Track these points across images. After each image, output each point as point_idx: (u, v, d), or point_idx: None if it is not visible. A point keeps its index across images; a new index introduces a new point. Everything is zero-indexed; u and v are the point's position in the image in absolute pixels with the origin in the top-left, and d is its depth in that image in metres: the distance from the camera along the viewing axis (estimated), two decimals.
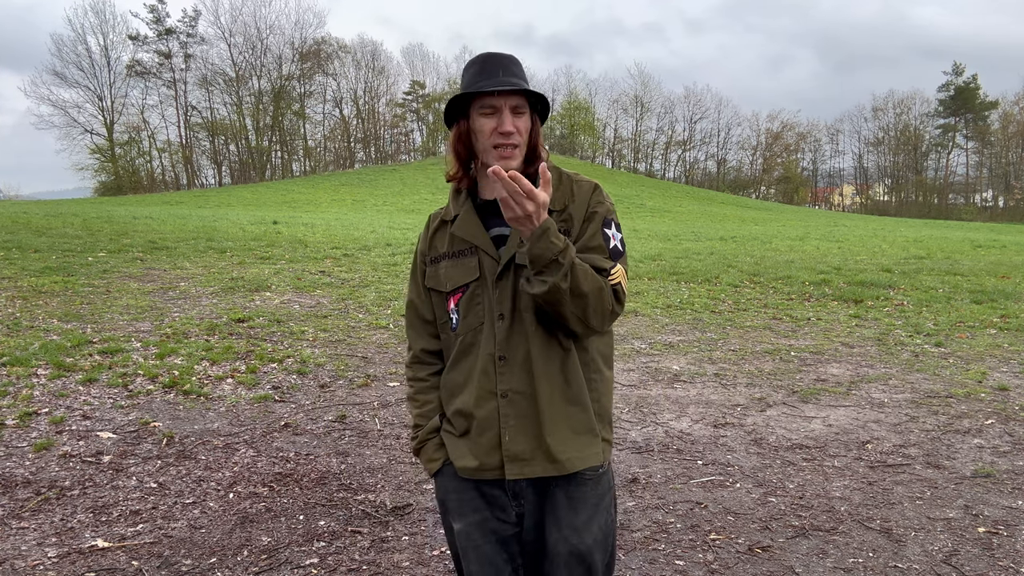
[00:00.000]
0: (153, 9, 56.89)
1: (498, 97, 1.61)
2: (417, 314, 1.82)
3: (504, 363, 1.65)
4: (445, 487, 1.77)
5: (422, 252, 1.81)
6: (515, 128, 1.62)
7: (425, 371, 1.81)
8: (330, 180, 49.97)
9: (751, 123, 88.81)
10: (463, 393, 1.71)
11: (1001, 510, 3.59)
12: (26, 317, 7.01)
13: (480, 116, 1.63)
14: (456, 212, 1.73)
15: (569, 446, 1.66)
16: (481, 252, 1.68)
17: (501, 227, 1.69)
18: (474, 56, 1.68)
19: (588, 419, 1.70)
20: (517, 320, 1.65)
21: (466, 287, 1.69)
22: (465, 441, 1.71)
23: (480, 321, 1.68)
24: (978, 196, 68.87)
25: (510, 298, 1.65)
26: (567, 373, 1.68)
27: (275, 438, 4.50)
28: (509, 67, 1.64)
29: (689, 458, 4.30)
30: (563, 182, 1.72)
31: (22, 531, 3.26)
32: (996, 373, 6.25)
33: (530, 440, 1.65)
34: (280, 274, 10.36)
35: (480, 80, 1.62)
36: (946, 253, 16.91)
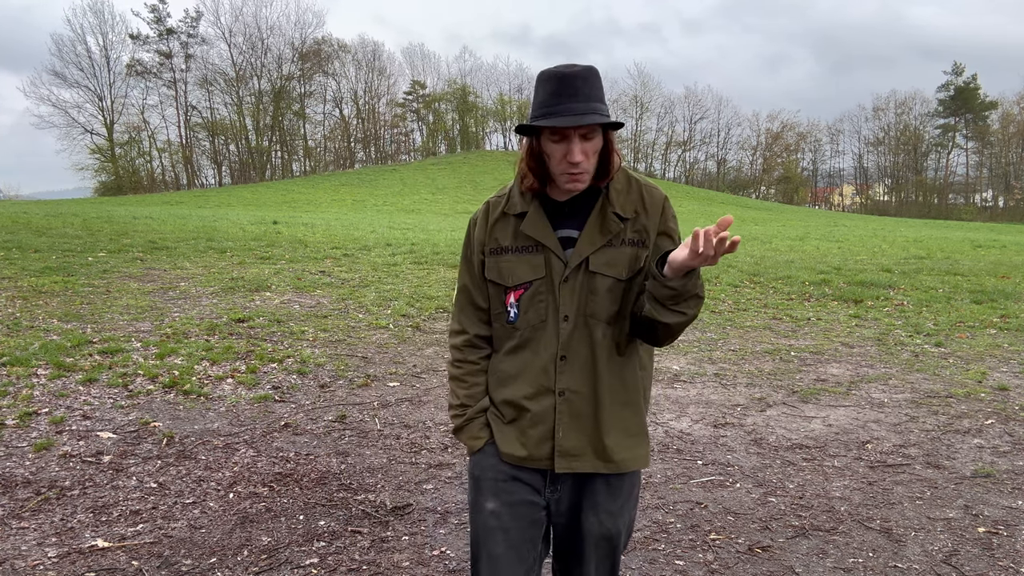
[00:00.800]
0: (154, 9, 56.97)
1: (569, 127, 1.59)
2: (471, 300, 1.83)
3: (565, 363, 1.70)
4: (483, 465, 1.79)
5: (480, 241, 1.79)
6: (584, 155, 1.61)
7: (477, 355, 1.84)
8: (330, 180, 49.98)
9: (751, 123, 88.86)
10: (515, 384, 1.74)
11: (1001, 510, 3.59)
12: (26, 317, 7.01)
13: (550, 141, 1.62)
14: (523, 209, 1.74)
15: (624, 447, 1.73)
16: (548, 252, 1.70)
17: (568, 229, 1.71)
18: (548, 71, 1.63)
19: (641, 421, 1.77)
20: (581, 324, 1.69)
21: (529, 284, 1.71)
22: (513, 429, 1.75)
23: (541, 319, 1.71)
24: (978, 196, 68.89)
25: (576, 301, 1.68)
26: (624, 377, 1.73)
27: (275, 438, 4.50)
28: (583, 90, 1.59)
29: (689, 458, 4.30)
30: (632, 187, 1.73)
31: (22, 531, 3.26)
32: (996, 373, 6.25)
33: (582, 438, 1.71)
34: (280, 274, 10.36)
35: (552, 103, 1.59)
36: (946, 253, 16.91)
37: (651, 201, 1.72)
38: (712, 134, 73.60)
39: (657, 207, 1.71)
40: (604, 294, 1.68)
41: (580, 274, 1.68)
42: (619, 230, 1.68)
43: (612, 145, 1.67)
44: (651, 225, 1.70)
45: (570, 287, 1.68)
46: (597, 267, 1.67)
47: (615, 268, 1.68)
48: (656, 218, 1.71)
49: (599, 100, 1.61)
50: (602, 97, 1.63)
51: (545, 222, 1.71)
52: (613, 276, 1.68)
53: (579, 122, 1.55)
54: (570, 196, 1.71)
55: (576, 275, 1.68)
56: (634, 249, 1.69)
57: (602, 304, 1.68)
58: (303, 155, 65.45)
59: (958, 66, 68.87)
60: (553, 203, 1.73)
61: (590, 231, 1.69)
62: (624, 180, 1.73)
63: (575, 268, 1.68)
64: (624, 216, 1.69)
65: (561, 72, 1.60)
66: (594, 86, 1.61)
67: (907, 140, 69.55)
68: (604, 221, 1.69)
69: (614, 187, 1.71)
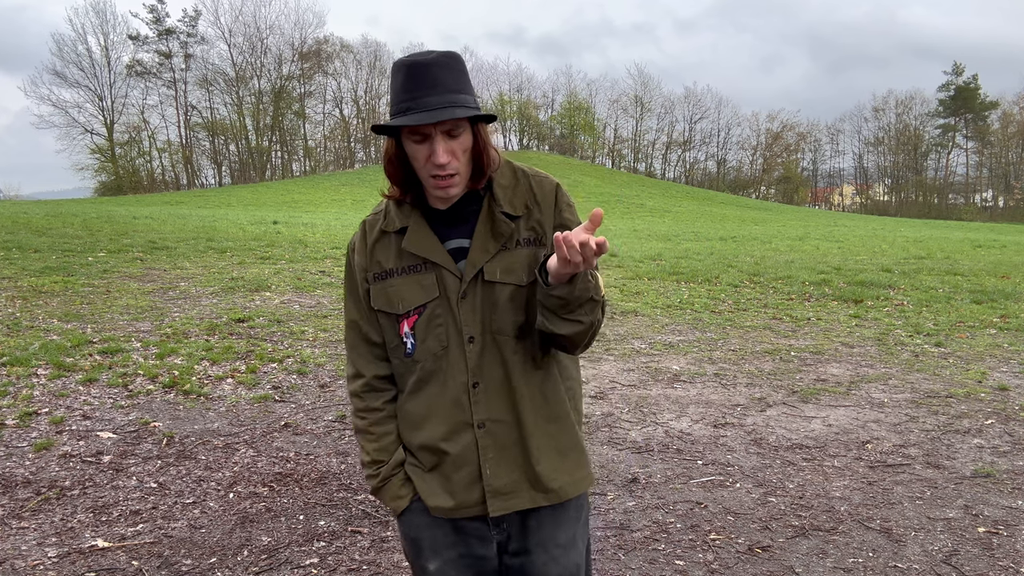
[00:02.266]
0: (153, 9, 56.95)
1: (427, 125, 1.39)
2: (362, 336, 1.60)
3: (478, 390, 1.49)
4: (415, 524, 1.58)
5: (362, 267, 1.57)
6: (451, 155, 1.41)
7: (380, 399, 1.60)
8: (330, 180, 49.99)
9: (751, 123, 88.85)
10: (427, 425, 1.53)
11: (1001, 510, 3.59)
12: (26, 317, 7.01)
13: (410, 143, 1.42)
14: (403, 224, 1.53)
15: (560, 471, 1.54)
16: (439, 268, 1.50)
17: (457, 239, 1.51)
18: (399, 60, 1.43)
19: (573, 436, 1.57)
20: (489, 342, 1.49)
21: (423, 307, 1.50)
22: (436, 477, 1.54)
23: (443, 345, 1.50)
24: (978, 196, 68.92)
25: (479, 317, 1.48)
26: (546, 390, 1.54)
27: (275, 438, 4.50)
28: (441, 80, 1.38)
29: (689, 458, 4.30)
30: (520, 181, 1.54)
31: (22, 531, 3.26)
32: (996, 373, 6.25)
33: (514, 471, 1.52)
34: (280, 274, 10.36)
35: (405, 98, 1.39)
36: (946, 253, 16.91)
37: (541, 193, 1.53)
38: (712, 134, 73.65)
39: (549, 198, 1.52)
40: (506, 304, 1.48)
41: (478, 287, 1.48)
42: (511, 231, 1.49)
43: (484, 140, 1.46)
44: (545, 219, 1.51)
45: (470, 303, 1.48)
46: (494, 276, 1.47)
47: (514, 274, 1.48)
48: (550, 210, 1.52)
49: (462, 91, 1.40)
50: (466, 87, 1.42)
51: (430, 234, 1.51)
52: (513, 283, 1.48)
53: (434, 118, 1.34)
54: (449, 203, 1.51)
55: (474, 289, 1.48)
56: (531, 249, 1.50)
57: (507, 316, 1.48)
58: (303, 155, 65.49)
59: (958, 66, 68.92)
60: (435, 212, 1.53)
61: (480, 237, 1.49)
62: (509, 175, 1.54)
63: (472, 281, 1.48)
64: (514, 214, 1.50)
65: (413, 61, 1.40)
66: (454, 74, 1.40)
67: (907, 140, 69.57)
68: (494, 224, 1.49)
69: (499, 184, 1.52)
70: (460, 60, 1.43)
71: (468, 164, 1.46)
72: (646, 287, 10.67)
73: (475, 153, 1.45)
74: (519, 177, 1.55)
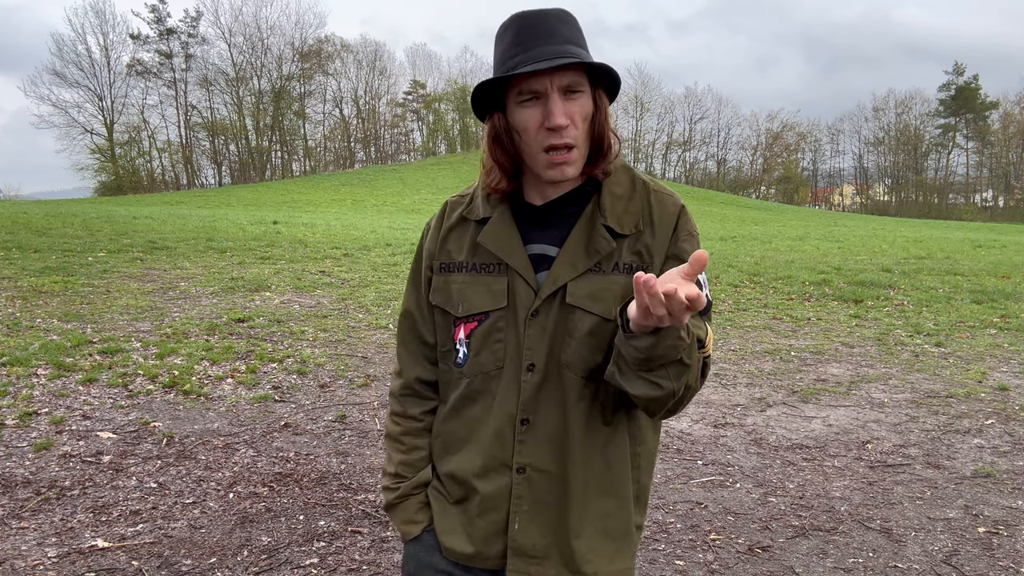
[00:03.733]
0: (154, 9, 57.01)
1: (542, 77, 1.15)
2: (415, 331, 1.39)
3: (527, 429, 1.25)
4: (419, 559, 1.36)
5: (430, 253, 1.35)
6: (569, 119, 1.16)
7: (419, 407, 1.40)
8: (330, 180, 49.99)
9: (751, 123, 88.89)
10: (463, 452, 1.31)
11: (1001, 510, 3.59)
12: (26, 317, 7.01)
13: (519, 107, 1.18)
14: (487, 214, 1.29)
15: (599, 555, 1.28)
16: (514, 274, 1.25)
17: (544, 244, 1.26)
18: (508, 18, 1.21)
19: (626, 517, 1.30)
20: (553, 376, 1.24)
21: (485, 316, 1.26)
22: (459, 514, 1.32)
23: (498, 365, 1.26)
24: (978, 196, 68.93)
25: (547, 344, 1.23)
26: (609, 454, 1.27)
27: (275, 438, 4.50)
28: (556, 29, 1.17)
29: (689, 458, 4.30)
30: (636, 193, 1.27)
31: (22, 531, 3.26)
32: (996, 373, 6.25)
33: (546, 534, 1.27)
34: (280, 274, 10.36)
35: (515, 52, 1.16)
36: (946, 253, 16.91)
37: (661, 212, 1.25)
38: (712, 134, 73.70)
39: (668, 221, 1.25)
40: (584, 338, 1.22)
41: (554, 308, 1.23)
42: (610, 250, 1.23)
43: (605, 112, 1.21)
44: (656, 245, 1.24)
45: (539, 325, 1.23)
46: (577, 300, 1.22)
47: (601, 303, 1.22)
48: (665, 236, 1.24)
49: (580, 45, 1.19)
50: (583, 43, 1.21)
51: (513, 233, 1.26)
52: (598, 314, 1.21)
53: (553, 63, 1.12)
54: (549, 198, 1.27)
55: (549, 309, 1.23)
56: (630, 278, 1.22)
57: (580, 351, 1.22)
58: (303, 155, 65.52)
59: (959, 66, 68.93)
60: (528, 208, 1.29)
61: (572, 249, 1.24)
62: (627, 183, 1.28)
63: (548, 299, 1.23)
64: (620, 232, 1.24)
65: (526, 12, 1.19)
66: (572, 29, 1.20)
67: (907, 140, 69.59)
68: (591, 236, 1.24)
69: (610, 190, 1.26)
70: (575, 18, 1.23)
71: (587, 139, 1.20)
72: None
73: (594, 127, 1.20)
74: (638, 187, 1.29)
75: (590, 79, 1.19)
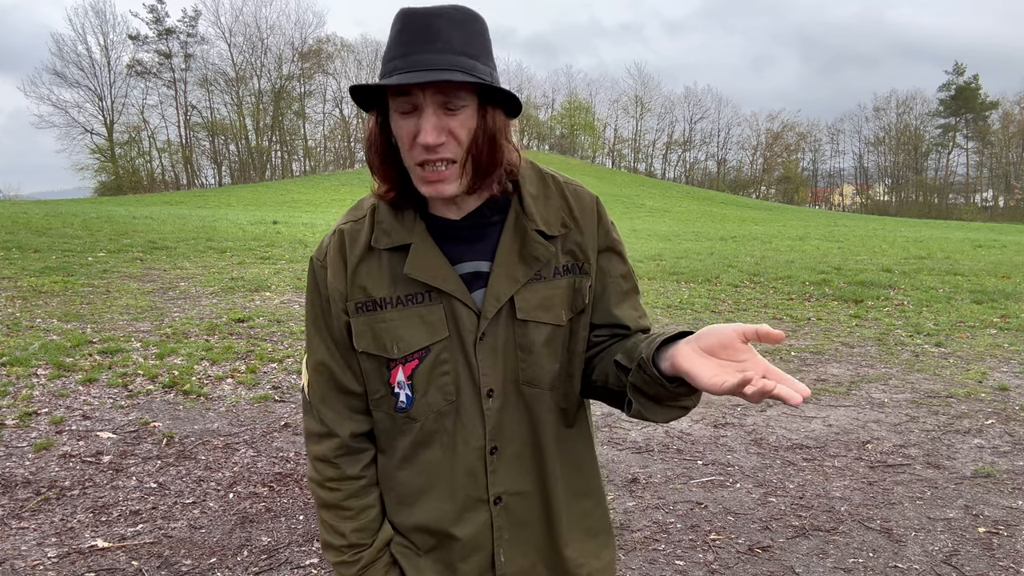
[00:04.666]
0: (153, 9, 57.01)
1: (415, 89, 1.03)
2: (335, 384, 1.21)
3: (496, 457, 1.17)
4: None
5: (339, 293, 1.17)
6: (446, 134, 1.04)
7: (358, 465, 1.23)
8: (330, 180, 49.99)
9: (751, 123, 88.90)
10: (427, 502, 1.20)
11: (1001, 510, 3.59)
12: (26, 317, 7.02)
13: (397, 116, 1.06)
14: (402, 240, 1.15)
15: (588, 556, 1.26)
16: (449, 299, 1.14)
17: (474, 260, 1.16)
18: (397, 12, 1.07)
19: (604, 513, 1.30)
20: (512, 396, 1.16)
21: (427, 351, 1.14)
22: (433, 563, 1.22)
23: (450, 400, 1.16)
24: (978, 196, 68.96)
25: (503, 365, 1.15)
26: (580, 456, 1.25)
27: (275, 438, 4.50)
28: (441, 34, 1.02)
29: (689, 458, 4.30)
30: (551, 190, 1.20)
31: (22, 531, 3.26)
32: (996, 373, 6.25)
33: (530, 553, 1.22)
34: (280, 274, 10.36)
35: (393, 57, 1.04)
36: (946, 253, 16.91)
37: (580, 207, 1.20)
38: (712, 134, 73.75)
39: (589, 215, 1.20)
40: (542, 350, 1.16)
41: (501, 326, 1.14)
42: (548, 255, 1.15)
43: (495, 127, 1.07)
44: (587, 241, 1.19)
45: (489, 347, 1.14)
46: (528, 313, 1.14)
47: (552, 311, 1.16)
48: (592, 230, 1.19)
49: (472, 55, 1.04)
50: (479, 52, 1.05)
51: (437, 255, 1.14)
52: (550, 323, 1.16)
53: (422, 78, 0.98)
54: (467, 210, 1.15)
55: (496, 328, 1.14)
56: (571, 278, 1.18)
57: (541, 364, 1.16)
58: (303, 155, 65.56)
59: (959, 66, 68.96)
60: (445, 224, 1.16)
61: (505, 261, 1.14)
62: (537, 181, 1.20)
63: (494, 318, 1.14)
64: (550, 233, 1.16)
65: (413, 10, 1.05)
66: (466, 34, 1.04)
67: (907, 140, 69.64)
68: (525, 243, 1.15)
69: (527, 191, 1.17)
70: (479, 20, 1.07)
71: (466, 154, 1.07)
72: (646, 287, 10.67)
73: (479, 141, 1.07)
74: (549, 185, 1.20)
75: (481, 95, 1.06)
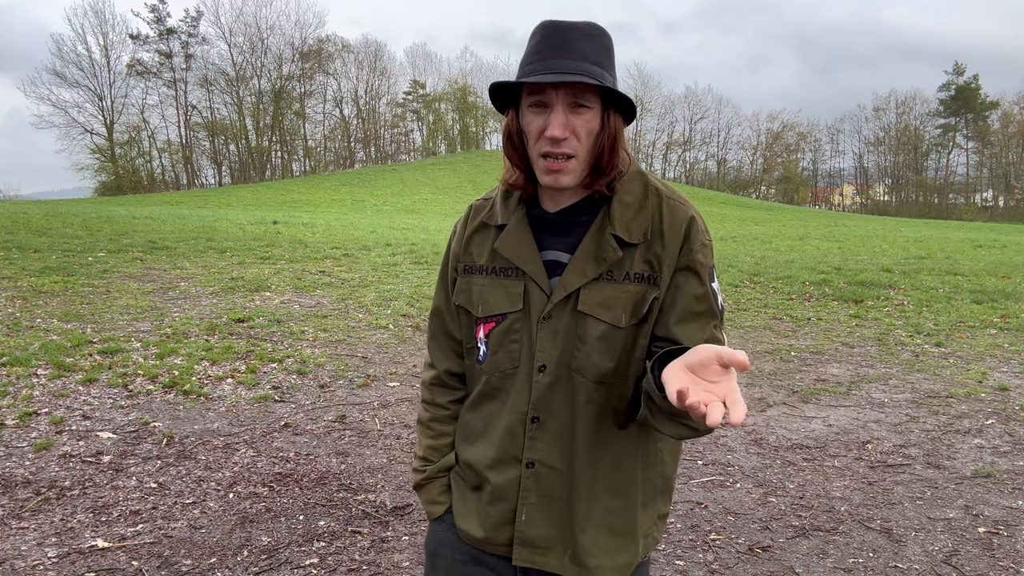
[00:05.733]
0: (154, 9, 57.00)
1: (548, 88, 1.20)
2: (443, 327, 1.47)
3: (537, 426, 1.30)
4: (440, 539, 1.45)
5: (455, 255, 1.42)
6: (569, 131, 1.20)
7: (447, 397, 1.48)
8: (330, 180, 49.99)
9: (751, 123, 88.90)
10: (479, 444, 1.39)
11: (1001, 510, 3.59)
12: (26, 317, 7.01)
13: (528, 111, 1.23)
14: (504, 220, 1.35)
15: (603, 550, 1.32)
16: (528, 279, 1.31)
17: (557, 251, 1.31)
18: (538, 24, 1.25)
19: (631, 518, 1.35)
20: (563, 378, 1.29)
21: (503, 317, 1.32)
22: (474, 500, 1.40)
23: (513, 365, 1.32)
24: (978, 196, 68.94)
25: (558, 348, 1.28)
26: (618, 454, 1.32)
27: (275, 438, 4.50)
28: (575, 44, 1.19)
29: (689, 458, 4.29)
30: (648, 202, 1.29)
31: (22, 531, 3.26)
32: (996, 373, 6.25)
33: (551, 527, 1.33)
34: (280, 274, 10.36)
35: (533, 59, 1.21)
36: (946, 253, 16.91)
37: (671, 221, 1.27)
38: (712, 134, 73.74)
39: (677, 230, 1.26)
40: (595, 343, 1.27)
41: (566, 313, 1.28)
42: (617, 259, 1.26)
43: (615, 131, 1.24)
44: (667, 255, 1.26)
45: (551, 329, 1.28)
46: (589, 307, 1.26)
47: (612, 311, 1.26)
48: (675, 246, 1.26)
49: (600, 64, 1.21)
50: (607, 63, 1.23)
51: (528, 239, 1.32)
52: (608, 322, 1.26)
53: (557, 78, 1.15)
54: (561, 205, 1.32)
55: (560, 313, 1.28)
56: (641, 287, 1.26)
57: (592, 357, 1.27)
58: (303, 155, 65.52)
59: (959, 66, 68.94)
60: (542, 215, 1.34)
61: (582, 256, 1.27)
62: (639, 191, 1.30)
63: (560, 304, 1.28)
64: (628, 240, 1.26)
65: (552, 22, 1.22)
66: (596, 46, 1.22)
67: (907, 140, 69.62)
68: (600, 245, 1.27)
69: (621, 199, 1.29)
70: (607, 35, 1.24)
71: (590, 153, 1.23)
72: None
73: (599, 143, 1.23)
74: (649, 197, 1.30)
75: (604, 99, 1.22)
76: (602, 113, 1.23)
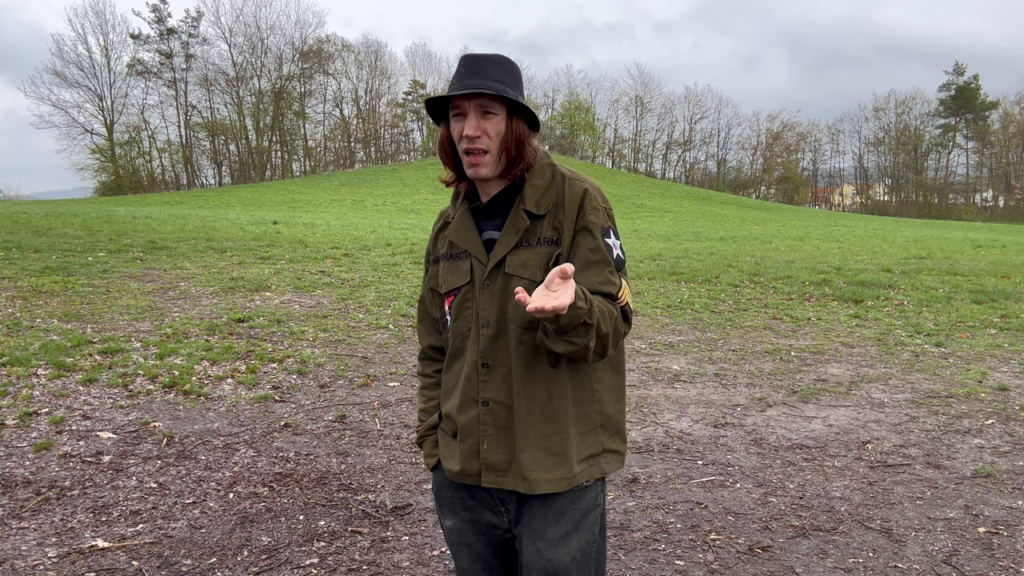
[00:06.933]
0: (155, 9, 56.97)
1: (464, 100, 1.56)
2: (426, 310, 1.85)
3: (487, 371, 1.62)
4: (439, 482, 1.78)
5: (428, 249, 1.82)
6: (481, 131, 1.54)
7: (431, 367, 1.85)
8: (330, 180, 49.97)
9: (751, 123, 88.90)
10: (451, 396, 1.71)
11: (1001, 510, 3.59)
12: (26, 317, 7.01)
13: (452, 120, 1.60)
14: (454, 215, 1.72)
15: (539, 466, 1.60)
16: (472, 257, 1.65)
17: (491, 231, 1.66)
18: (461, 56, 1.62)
19: (564, 441, 1.62)
20: (503, 329, 1.60)
21: (458, 290, 1.67)
22: (453, 443, 1.71)
23: (468, 326, 1.65)
24: (978, 196, 68.92)
25: (496, 305, 1.61)
26: (552, 388, 1.61)
27: (275, 438, 4.50)
28: (484, 68, 1.56)
29: (689, 458, 4.29)
30: (555, 182, 1.64)
31: (22, 531, 3.26)
32: (996, 373, 6.25)
33: (505, 452, 1.62)
34: (280, 274, 10.36)
35: (454, 83, 1.58)
36: (946, 253, 16.91)
37: (570, 195, 1.61)
38: (712, 134, 73.68)
39: (574, 200, 1.60)
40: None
41: (499, 277, 1.61)
42: (526, 227, 1.60)
43: (519, 133, 1.59)
44: (567, 220, 1.59)
45: (490, 291, 1.61)
46: (512, 269, 1.59)
47: (528, 269, 1.58)
48: (573, 212, 1.59)
49: (504, 83, 1.56)
50: (510, 83, 1.58)
51: (469, 225, 1.67)
52: (527, 278, 1.57)
53: (464, 89, 1.51)
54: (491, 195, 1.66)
55: (495, 278, 1.61)
56: (550, 248, 1.59)
57: (518, 308, 1.58)
58: (303, 155, 65.46)
59: (959, 66, 68.93)
60: (476, 203, 1.69)
61: (506, 231, 1.62)
62: (548, 176, 1.64)
63: (493, 270, 1.61)
64: (537, 213, 1.60)
65: (466, 56, 1.59)
66: (503, 71, 1.57)
67: (907, 140, 69.58)
68: (516, 218, 1.61)
69: (532, 183, 1.63)
70: (515, 65, 1.60)
71: (500, 149, 1.58)
72: (646, 287, 10.67)
73: (506, 140, 1.57)
74: (556, 178, 1.64)
75: (508, 108, 1.58)
76: (507, 119, 1.58)
